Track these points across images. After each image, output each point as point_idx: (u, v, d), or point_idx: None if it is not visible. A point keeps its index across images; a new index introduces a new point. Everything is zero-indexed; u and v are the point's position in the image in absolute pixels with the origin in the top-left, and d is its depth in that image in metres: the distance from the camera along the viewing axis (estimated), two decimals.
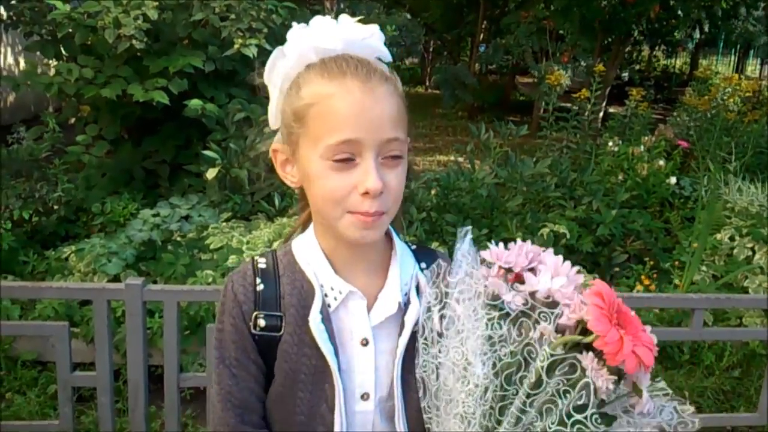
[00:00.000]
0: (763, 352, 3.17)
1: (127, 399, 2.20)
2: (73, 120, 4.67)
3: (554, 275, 0.86)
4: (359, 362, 0.97)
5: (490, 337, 0.83)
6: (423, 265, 1.04)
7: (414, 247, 1.07)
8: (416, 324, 0.96)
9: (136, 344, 2.09)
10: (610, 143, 5.43)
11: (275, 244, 3.33)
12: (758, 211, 4.38)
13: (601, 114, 8.00)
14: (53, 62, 4.43)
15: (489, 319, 0.84)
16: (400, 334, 0.97)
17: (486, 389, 0.83)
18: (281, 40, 0.99)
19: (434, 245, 3.52)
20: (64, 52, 4.24)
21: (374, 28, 0.96)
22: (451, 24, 12.98)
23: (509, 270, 0.88)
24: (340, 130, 0.88)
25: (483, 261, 0.91)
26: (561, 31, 9.93)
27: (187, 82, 4.01)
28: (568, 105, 5.91)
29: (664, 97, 11.75)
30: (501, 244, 0.91)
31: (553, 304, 0.84)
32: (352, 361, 0.97)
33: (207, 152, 3.94)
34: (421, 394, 0.94)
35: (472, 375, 0.84)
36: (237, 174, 3.92)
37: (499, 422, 0.83)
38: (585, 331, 0.81)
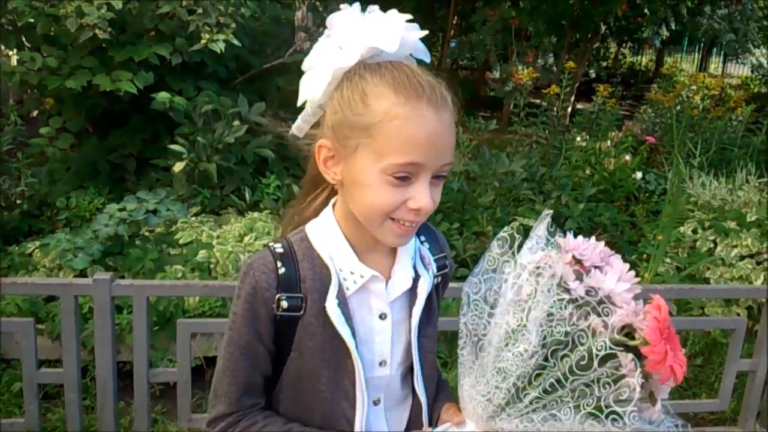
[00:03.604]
0: (723, 340, 3.25)
1: (95, 396, 2.17)
2: (35, 113, 4.57)
3: (620, 279, 0.92)
4: (378, 334, 1.06)
5: (551, 314, 0.91)
6: (422, 238, 1.14)
7: None
8: (427, 293, 1.08)
9: (105, 340, 2.06)
10: (578, 139, 5.51)
11: (246, 239, 3.31)
12: (720, 205, 4.49)
13: (570, 110, 8.10)
14: (13, 54, 4.32)
15: (559, 299, 0.91)
16: (413, 304, 1.07)
17: (533, 355, 0.91)
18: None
19: None
20: (26, 42, 4.13)
21: (419, 30, 1.00)
22: (422, 19, 12.97)
23: (578, 261, 0.94)
24: (410, 153, 0.93)
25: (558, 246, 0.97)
26: (530, 29, 10.01)
27: (153, 75, 3.95)
28: (538, 101, 5.97)
29: (631, 94, 11.92)
30: (579, 238, 0.97)
31: (610, 304, 0.91)
32: (372, 333, 1.06)
33: (174, 146, 3.89)
34: (460, 341, 1.03)
35: (526, 340, 0.92)
36: (206, 168, 3.88)
37: (530, 384, 0.93)
38: (629, 335, 0.90)
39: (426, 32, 1.01)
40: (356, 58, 0.97)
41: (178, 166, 3.82)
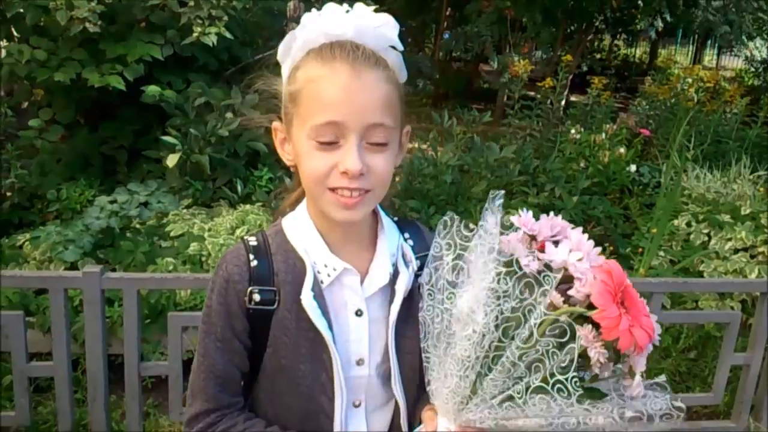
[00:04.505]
0: (717, 334, 3.25)
1: (86, 389, 2.16)
2: (26, 104, 4.52)
3: (574, 250, 0.88)
4: (354, 331, 1.03)
5: (495, 291, 0.87)
6: (406, 235, 1.11)
7: (396, 219, 1.14)
8: (406, 291, 1.03)
9: (95, 333, 2.04)
10: (573, 131, 5.49)
11: (237, 231, 3.29)
12: (714, 198, 4.49)
13: (564, 102, 8.09)
14: (4, 43, 4.27)
15: (497, 273, 0.88)
16: (391, 302, 1.03)
17: (484, 336, 0.87)
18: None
19: None
20: (15, 33, 4.08)
21: (387, 17, 0.98)
22: (415, 10, 12.91)
23: (533, 238, 0.91)
24: (325, 111, 0.91)
25: (511, 225, 0.94)
26: (524, 20, 9.98)
27: (143, 68, 3.91)
28: (532, 93, 5.95)
29: (625, 87, 11.92)
30: (530, 213, 0.94)
31: (568, 278, 0.87)
32: (347, 330, 1.03)
33: (166, 138, 3.85)
34: (422, 335, 0.99)
35: (473, 321, 0.88)
36: (198, 160, 3.84)
37: (491, 370, 0.88)
38: (591, 307, 0.84)
39: (382, 14, 0.98)
40: (302, 41, 0.97)
41: (171, 159, 3.79)
